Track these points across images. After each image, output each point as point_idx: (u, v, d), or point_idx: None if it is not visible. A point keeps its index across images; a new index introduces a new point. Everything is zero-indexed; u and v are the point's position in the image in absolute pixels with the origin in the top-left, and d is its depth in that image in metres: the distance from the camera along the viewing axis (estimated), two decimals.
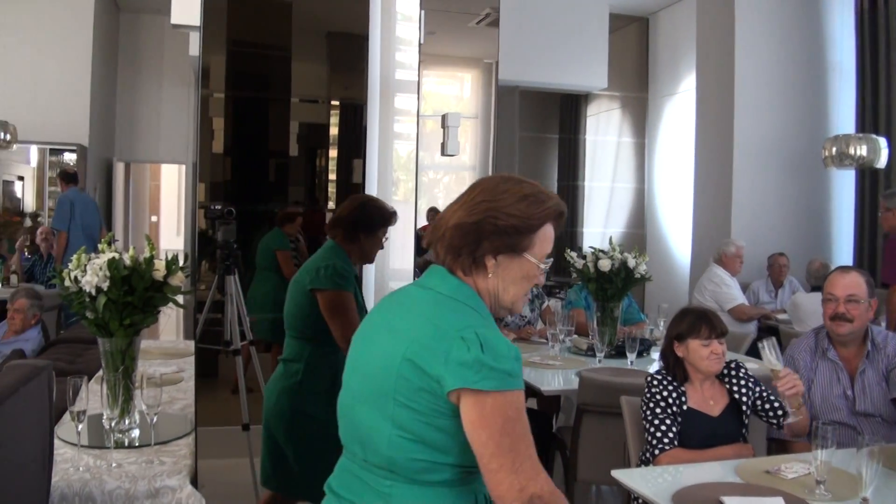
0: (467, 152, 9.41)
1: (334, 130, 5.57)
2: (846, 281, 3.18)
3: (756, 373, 3.16)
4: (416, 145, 5.45)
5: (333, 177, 5.60)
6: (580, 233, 10.02)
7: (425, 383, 1.59)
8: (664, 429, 2.87)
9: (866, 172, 7.07)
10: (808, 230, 7.71)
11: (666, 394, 2.93)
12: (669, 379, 2.99)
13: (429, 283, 1.76)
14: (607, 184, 10.11)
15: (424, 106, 7.57)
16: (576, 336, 4.81)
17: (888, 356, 3.17)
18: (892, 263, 5.45)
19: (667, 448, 2.85)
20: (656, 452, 2.86)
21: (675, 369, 3.01)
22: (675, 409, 2.91)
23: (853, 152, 6.35)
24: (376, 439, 1.65)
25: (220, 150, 5.31)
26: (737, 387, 3.00)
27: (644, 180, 10.07)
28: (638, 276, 4.61)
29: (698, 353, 2.94)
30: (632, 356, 4.29)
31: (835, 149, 6.43)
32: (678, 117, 9.37)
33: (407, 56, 5.37)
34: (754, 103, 7.61)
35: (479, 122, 9.58)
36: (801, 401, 2.79)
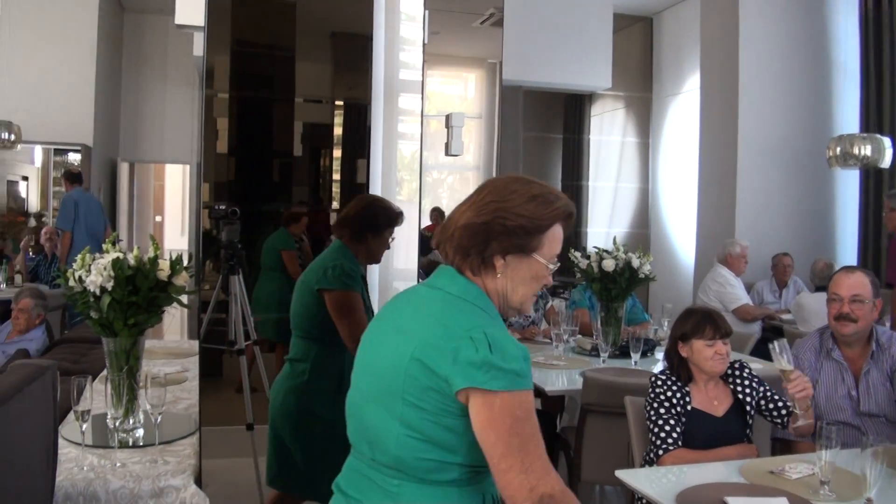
0: (471, 152, 9.41)
1: (338, 130, 5.58)
2: (851, 281, 3.18)
3: (760, 373, 3.15)
4: (420, 145, 5.46)
5: (337, 177, 5.61)
6: (584, 233, 10.00)
7: (434, 383, 1.59)
8: (668, 429, 2.87)
9: (870, 172, 7.05)
10: (813, 230, 7.70)
11: (670, 394, 2.93)
12: (673, 379, 2.98)
13: (438, 283, 1.76)
14: (611, 184, 10.09)
15: (428, 106, 7.57)
16: (580, 336, 4.80)
17: (893, 356, 3.16)
18: None
19: (671, 448, 2.84)
20: (660, 453, 2.85)
21: (680, 369, 3.01)
22: (678, 409, 2.91)
23: (857, 152, 6.33)
24: (384, 438, 1.65)
25: (225, 150, 5.32)
26: (741, 387, 3.00)
27: (648, 180, 10.05)
28: (642, 276, 4.60)
29: (702, 353, 2.93)
30: (636, 356, 4.28)
31: (839, 148, 6.41)
32: (682, 117, 9.35)
33: (411, 56, 5.38)
34: (758, 103, 7.59)
35: (482, 122, 9.58)
36: (810, 403, 2.79)
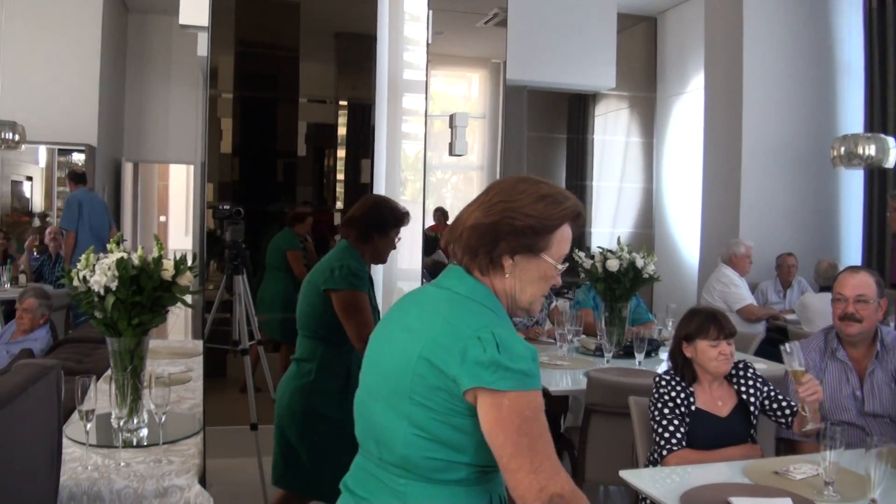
0: (475, 152, 9.41)
1: (342, 130, 5.58)
2: (855, 281, 3.17)
3: (765, 373, 3.15)
4: (423, 145, 5.45)
5: (341, 177, 5.61)
6: (588, 233, 9.98)
7: (441, 382, 1.59)
8: (672, 429, 2.87)
9: (875, 172, 7.04)
10: (817, 230, 7.68)
11: (674, 394, 2.93)
12: (678, 379, 2.98)
13: (446, 282, 1.76)
14: (615, 184, 10.07)
15: (432, 106, 7.56)
16: (584, 336, 4.80)
17: None
18: None
19: (675, 449, 2.84)
20: (664, 453, 2.85)
21: (684, 370, 3.00)
22: (682, 409, 2.91)
23: (862, 152, 6.32)
24: (392, 438, 1.65)
25: (229, 150, 5.32)
26: (745, 387, 3.00)
27: (652, 180, 10.03)
28: (646, 276, 4.60)
29: (706, 353, 2.93)
30: (640, 356, 4.28)
31: (843, 148, 6.40)
32: (686, 117, 9.33)
33: (415, 56, 5.38)
34: (763, 103, 7.59)
35: (486, 122, 9.58)
36: (817, 406, 2.77)
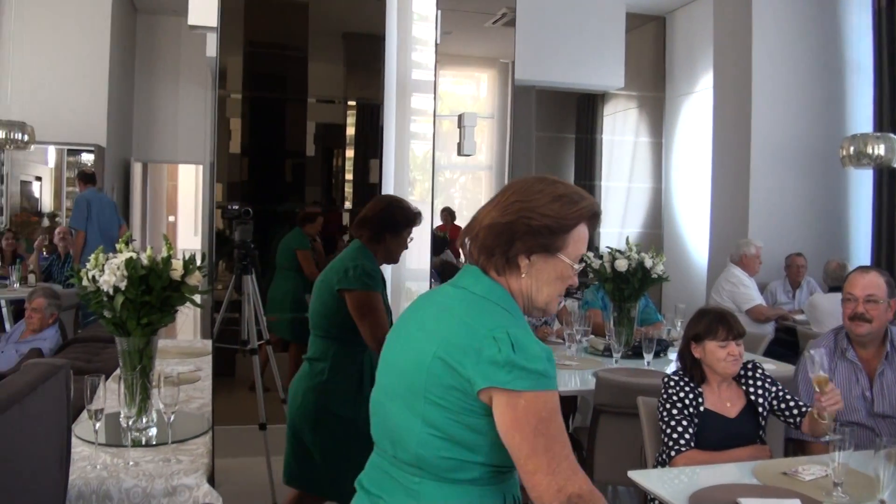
0: (483, 152, 9.39)
1: (351, 130, 5.58)
2: (865, 281, 3.16)
3: (773, 373, 3.14)
4: (432, 145, 5.45)
5: (350, 177, 5.61)
6: (597, 233, 9.94)
7: (456, 382, 1.59)
8: (680, 430, 2.86)
9: (884, 172, 7.01)
10: (826, 230, 7.66)
11: (682, 395, 2.92)
12: (686, 380, 2.97)
13: (462, 282, 1.76)
14: (624, 184, 10.06)
15: (441, 106, 7.56)
16: (592, 336, 4.79)
17: None
18: None
19: (683, 449, 2.83)
20: (672, 454, 2.84)
21: (693, 370, 3.00)
22: (691, 410, 2.90)
23: (871, 151, 6.30)
24: (406, 436, 1.65)
25: (238, 150, 5.33)
26: (754, 388, 2.99)
27: (661, 180, 10.01)
28: (655, 276, 4.59)
29: (715, 354, 2.92)
30: (648, 357, 4.27)
31: (852, 148, 6.38)
32: (695, 117, 9.32)
33: (423, 56, 5.38)
34: (772, 102, 7.56)
35: (495, 122, 9.56)
36: (834, 413, 2.75)
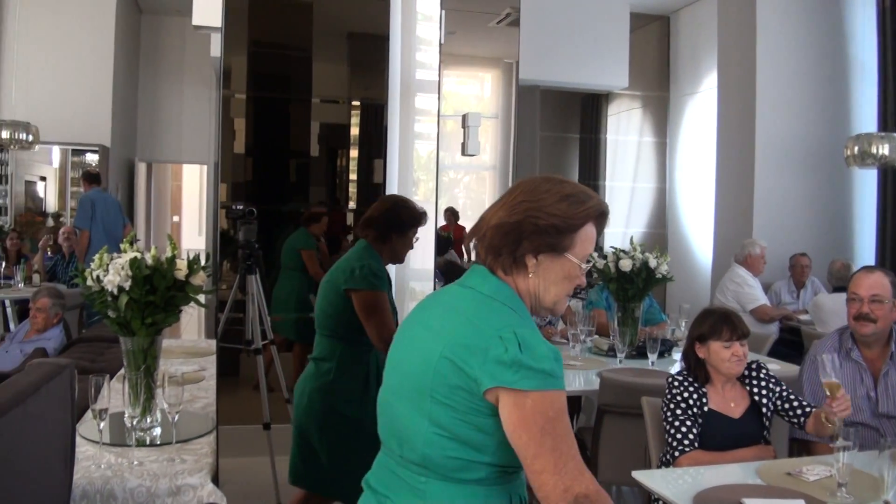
0: (487, 152, 9.38)
1: (355, 131, 5.59)
2: (870, 281, 3.15)
3: (777, 373, 3.13)
4: (436, 145, 5.46)
5: (354, 177, 5.62)
6: (601, 233, 9.95)
7: (463, 381, 1.59)
8: (684, 430, 2.86)
9: (888, 172, 7.00)
10: (830, 230, 7.65)
11: (686, 395, 2.92)
12: (690, 380, 2.97)
13: (469, 282, 1.76)
14: (628, 183, 10.05)
15: (445, 106, 7.55)
16: (596, 336, 4.78)
17: None
18: None
19: (687, 450, 2.83)
20: (676, 454, 2.84)
21: (697, 370, 2.99)
22: (695, 410, 2.90)
23: (875, 151, 6.29)
24: (413, 436, 1.65)
25: (242, 150, 5.34)
26: (758, 388, 2.98)
27: (665, 180, 10.00)
28: (659, 276, 4.59)
29: (719, 354, 2.92)
30: (653, 357, 4.26)
31: (857, 148, 6.37)
32: (700, 116, 9.31)
33: (427, 56, 5.39)
34: (776, 102, 7.55)
35: (499, 122, 9.56)
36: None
